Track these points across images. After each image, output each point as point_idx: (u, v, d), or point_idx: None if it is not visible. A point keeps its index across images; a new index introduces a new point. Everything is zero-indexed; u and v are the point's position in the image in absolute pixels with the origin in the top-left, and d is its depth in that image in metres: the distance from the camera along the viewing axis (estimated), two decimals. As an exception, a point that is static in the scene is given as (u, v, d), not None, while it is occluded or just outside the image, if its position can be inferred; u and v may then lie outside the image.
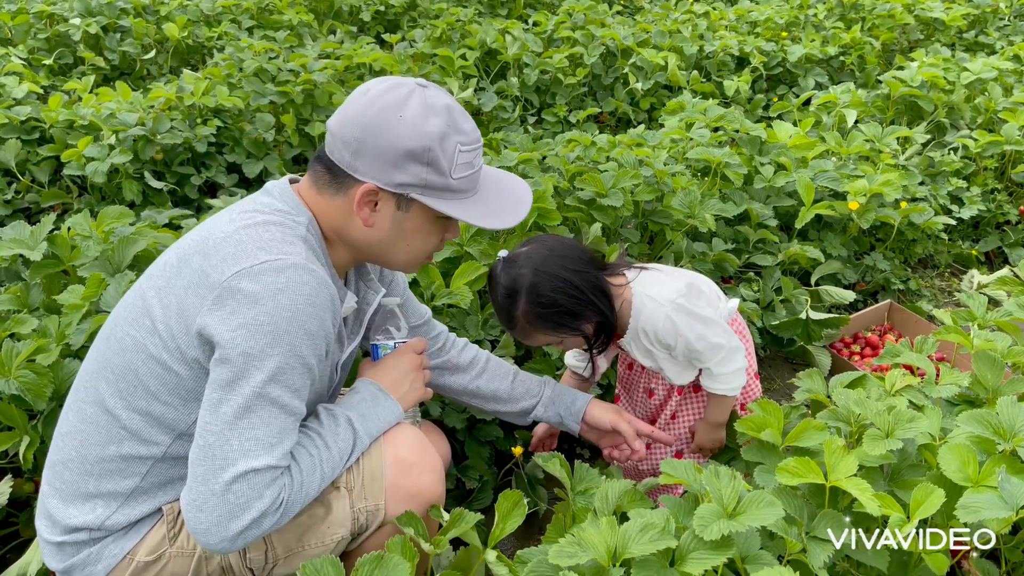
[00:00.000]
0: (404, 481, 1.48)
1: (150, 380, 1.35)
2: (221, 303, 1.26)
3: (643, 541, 1.16)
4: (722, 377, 1.80)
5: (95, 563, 1.41)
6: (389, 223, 1.42)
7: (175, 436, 1.39)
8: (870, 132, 3.70)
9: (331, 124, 1.41)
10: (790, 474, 1.37)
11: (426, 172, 1.36)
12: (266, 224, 1.35)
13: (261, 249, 1.30)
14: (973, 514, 1.27)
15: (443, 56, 4.44)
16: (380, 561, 1.19)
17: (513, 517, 1.38)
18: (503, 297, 1.73)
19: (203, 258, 1.32)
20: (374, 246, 1.46)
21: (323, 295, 1.32)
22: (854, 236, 3.28)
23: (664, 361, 1.85)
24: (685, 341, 1.75)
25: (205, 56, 5.16)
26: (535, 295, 1.70)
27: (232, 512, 1.24)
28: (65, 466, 1.41)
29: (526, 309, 1.71)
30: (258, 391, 1.26)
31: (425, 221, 1.44)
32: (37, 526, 1.46)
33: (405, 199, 1.40)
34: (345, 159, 1.38)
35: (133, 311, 1.39)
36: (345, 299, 1.51)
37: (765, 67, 5.11)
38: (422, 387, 1.63)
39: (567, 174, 2.89)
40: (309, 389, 1.36)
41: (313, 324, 1.30)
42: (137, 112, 3.47)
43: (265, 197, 1.44)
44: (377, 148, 1.35)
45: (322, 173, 1.43)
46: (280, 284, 1.27)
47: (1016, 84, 4.36)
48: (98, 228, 2.25)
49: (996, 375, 1.76)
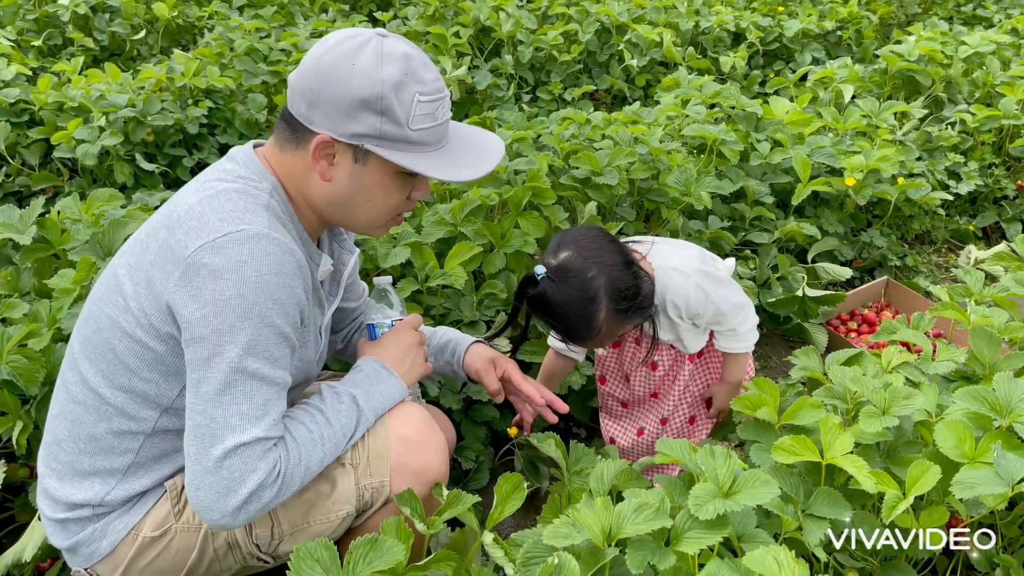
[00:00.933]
0: (409, 459, 1.48)
1: (128, 357, 1.34)
2: (187, 279, 1.25)
3: (638, 521, 1.16)
4: (743, 335, 1.82)
5: (100, 539, 1.42)
6: (347, 177, 1.39)
7: (161, 411, 1.39)
8: (867, 107, 3.67)
9: (290, 78, 1.38)
10: (786, 452, 1.36)
11: (380, 122, 1.33)
12: (228, 193, 1.33)
13: (223, 220, 1.28)
14: (969, 490, 1.26)
15: (436, 34, 4.40)
16: (375, 544, 1.18)
17: (512, 500, 1.37)
18: (579, 309, 1.62)
19: (168, 232, 1.31)
20: (335, 204, 1.42)
21: (288, 263, 1.30)
22: (851, 213, 3.26)
23: (685, 331, 1.84)
24: (715, 307, 1.75)
25: (196, 36, 5.11)
26: (617, 291, 1.62)
27: (228, 487, 1.25)
28: (59, 446, 1.42)
29: (611, 309, 1.63)
30: (235, 366, 1.25)
31: (384, 175, 1.40)
32: (39, 506, 1.46)
33: (361, 151, 1.36)
34: (302, 111, 1.36)
35: (107, 289, 1.38)
36: (320, 263, 1.49)
37: (761, 42, 5.07)
38: (423, 363, 1.62)
39: (562, 153, 2.87)
40: (290, 358, 1.35)
41: (282, 293, 1.28)
42: (127, 93, 3.43)
43: (228, 163, 1.41)
44: (330, 97, 1.32)
45: (284, 129, 1.41)
46: (243, 256, 1.25)
47: (1014, 57, 4.33)
48: (88, 211, 2.23)
49: (993, 351, 1.75)
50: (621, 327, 1.69)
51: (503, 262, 2.35)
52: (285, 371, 1.33)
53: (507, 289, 2.35)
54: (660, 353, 1.97)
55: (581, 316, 1.62)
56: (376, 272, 2.27)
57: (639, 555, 1.13)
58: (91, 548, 1.42)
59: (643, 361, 1.98)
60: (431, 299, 2.30)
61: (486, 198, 2.45)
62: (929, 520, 1.37)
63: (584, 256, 1.63)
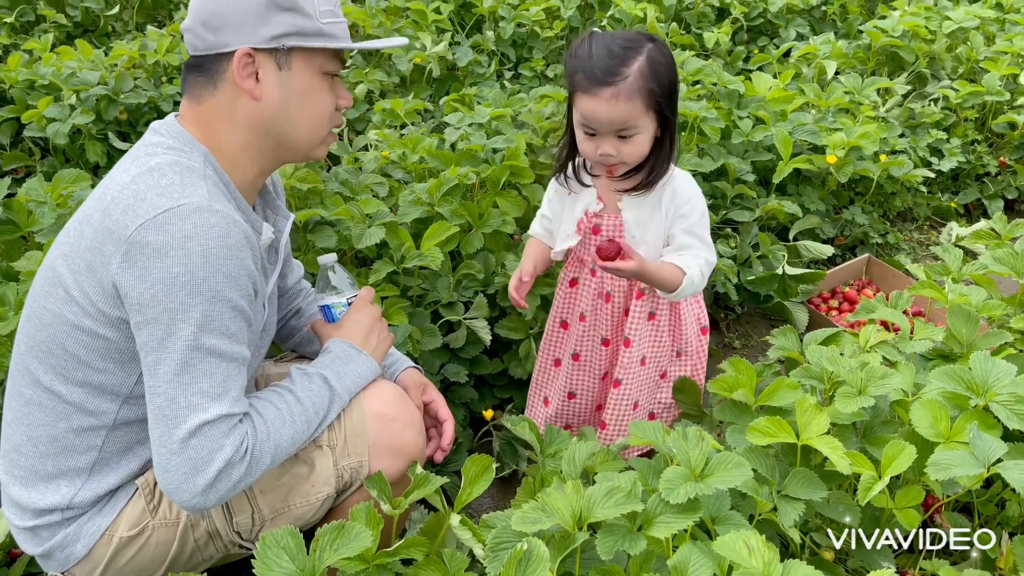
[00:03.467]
0: (385, 437, 1.47)
1: (79, 350, 1.30)
2: (131, 260, 1.21)
3: (608, 505, 1.14)
4: (692, 272, 1.71)
5: (73, 543, 1.39)
6: (276, 88, 1.38)
7: (121, 401, 1.35)
8: (850, 84, 3.64)
9: (184, 25, 1.37)
10: (761, 434, 1.35)
11: (293, 17, 1.34)
12: (161, 168, 1.29)
13: (161, 196, 1.24)
14: (944, 471, 1.26)
15: (416, 9, 4.33)
16: (341, 530, 1.16)
17: (480, 482, 1.36)
18: (619, 47, 1.56)
19: (103, 215, 1.26)
20: (271, 125, 1.40)
21: (235, 234, 1.26)
22: (832, 190, 3.25)
23: (653, 235, 1.75)
24: (697, 218, 1.72)
25: (172, 11, 5.01)
26: (659, 58, 1.57)
27: (196, 467, 1.23)
28: (19, 452, 1.38)
29: (644, 65, 1.55)
30: (191, 343, 1.22)
31: (312, 76, 1.41)
32: (6, 515, 1.43)
33: (283, 53, 1.36)
34: (210, 40, 1.34)
35: (46, 284, 1.34)
36: (262, 231, 1.46)
37: (746, 18, 5.02)
38: (388, 335, 1.61)
39: (541, 131, 2.83)
40: (246, 331, 1.32)
41: (231, 265, 1.25)
42: (99, 71, 3.36)
43: (154, 137, 1.38)
44: (236, 11, 1.32)
45: (193, 79, 1.39)
46: (187, 231, 1.21)
47: (998, 33, 4.30)
48: (53, 193, 2.18)
49: (971, 329, 1.74)
50: (647, 94, 1.57)
51: (481, 242, 2.31)
52: (242, 345, 1.30)
53: (484, 270, 2.32)
54: (615, 285, 1.87)
55: (616, 52, 1.56)
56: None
57: (609, 540, 1.12)
58: (65, 552, 1.39)
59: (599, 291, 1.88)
60: (408, 280, 2.27)
61: (463, 177, 2.42)
62: (905, 500, 1.37)
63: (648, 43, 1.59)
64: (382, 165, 2.73)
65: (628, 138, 1.60)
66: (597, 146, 1.62)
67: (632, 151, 1.62)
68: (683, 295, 1.73)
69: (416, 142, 2.74)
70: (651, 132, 1.62)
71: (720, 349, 2.76)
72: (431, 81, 4.05)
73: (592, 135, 1.62)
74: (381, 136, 2.88)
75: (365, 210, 2.27)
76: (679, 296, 1.73)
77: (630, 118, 1.57)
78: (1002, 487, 1.53)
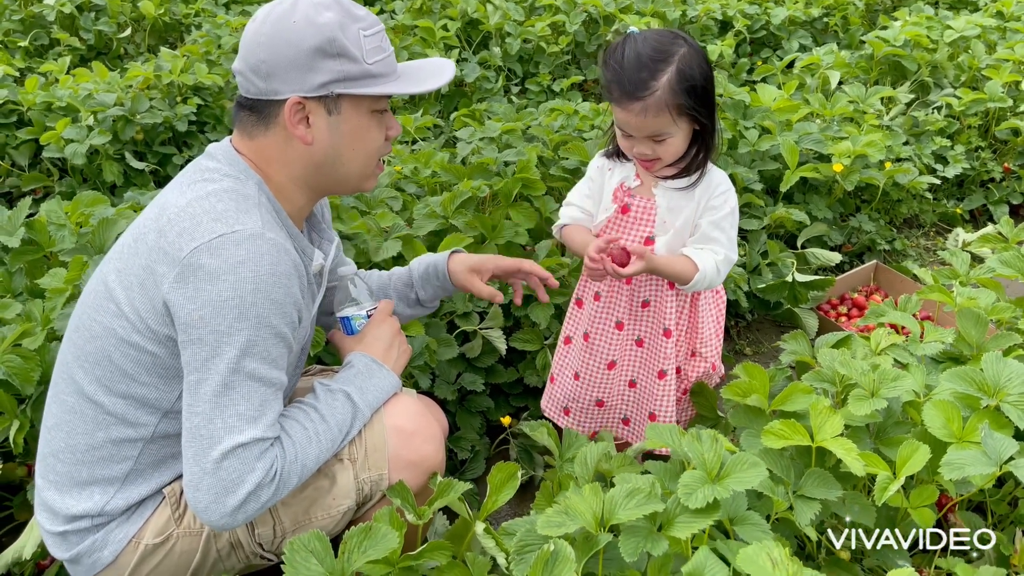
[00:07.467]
0: (405, 451, 1.50)
1: (126, 363, 1.34)
2: (184, 281, 1.25)
3: (629, 506, 1.17)
4: (706, 267, 1.72)
5: (101, 549, 1.41)
6: (327, 132, 1.41)
7: (161, 415, 1.38)
8: (854, 93, 3.68)
9: (235, 66, 1.40)
10: (776, 437, 1.37)
11: (340, 64, 1.36)
12: (218, 193, 1.33)
13: (217, 221, 1.28)
14: (957, 471, 1.28)
15: (424, 27, 4.39)
16: (368, 532, 1.19)
17: (506, 489, 1.38)
18: (649, 58, 1.58)
19: (158, 235, 1.31)
20: (322, 166, 1.44)
21: (285, 262, 1.31)
22: (839, 198, 3.28)
23: (682, 223, 1.77)
24: (726, 212, 1.75)
25: (183, 33, 5.09)
26: (690, 63, 1.59)
27: (227, 488, 1.25)
28: (56, 457, 1.41)
29: (674, 78, 1.58)
30: (233, 366, 1.26)
31: (360, 117, 1.43)
32: (38, 519, 1.45)
33: (332, 99, 1.39)
34: (261, 87, 1.37)
35: (97, 297, 1.38)
36: (313, 257, 1.50)
37: (749, 30, 5.07)
38: (407, 348, 1.64)
39: (551, 144, 2.88)
40: (286, 357, 1.36)
41: (279, 293, 1.29)
42: (115, 92, 3.42)
43: (210, 162, 1.42)
44: (285, 59, 1.34)
45: (245, 116, 1.42)
46: (240, 257, 1.26)
47: (999, 41, 4.34)
48: (71, 216, 2.22)
49: (980, 332, 1.77)
50: (677, 105, 1.60)
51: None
52: (282, 371, 1.34)
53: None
54: (652, 291, 1.88)
55: (645, 63, 1.58)
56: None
57: (632, 541, 1.14)
58: (93, 558, 1.42)
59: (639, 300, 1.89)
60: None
61: (476, 190, 2.46)
62: (919, 499, 1.39)
63: (679, 35, 1.63)
64: (395, 180, 2.77)
65: (662, 141, 1.66)
66: (633, 145, 1.69)
67: (667, 150, 1.68)
68: (696, 288, 1.77)
69: (428, 157, 2.79)
70: (686, 132, 1.68)
71: (731, 356, 2.79)
72: (440, 97, 4.10)
73: (629, 136, 1.69)
74: (393, 152, 2.93)
75: (381, 224, 2.31)
76: (692, 288, 1.77)
77: (660, 128, 1.63)
78: (1014, 485, 1.55)
